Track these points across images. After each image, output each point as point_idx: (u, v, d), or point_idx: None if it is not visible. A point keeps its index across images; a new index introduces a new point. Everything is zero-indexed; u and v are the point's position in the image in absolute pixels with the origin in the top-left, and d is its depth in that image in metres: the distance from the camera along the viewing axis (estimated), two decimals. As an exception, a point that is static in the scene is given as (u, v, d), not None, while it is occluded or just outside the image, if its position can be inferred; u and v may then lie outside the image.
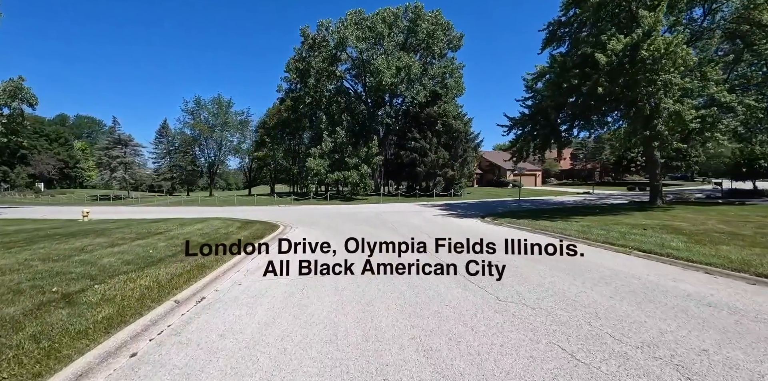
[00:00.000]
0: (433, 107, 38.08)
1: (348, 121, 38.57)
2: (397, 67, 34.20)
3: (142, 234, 11.63)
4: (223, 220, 16.90)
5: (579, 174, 76.14)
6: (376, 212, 20.55)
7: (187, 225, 14.68)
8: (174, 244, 9.52)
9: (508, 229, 12.97)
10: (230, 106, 57.84)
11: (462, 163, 38.68)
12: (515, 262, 7.01)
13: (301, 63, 39.75)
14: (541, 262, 7.12)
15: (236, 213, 23.13)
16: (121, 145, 45.68)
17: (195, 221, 16.30)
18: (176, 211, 26.28)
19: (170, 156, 57.42)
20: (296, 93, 45.01)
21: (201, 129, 54.56)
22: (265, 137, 52.36)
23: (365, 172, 34.32)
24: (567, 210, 20.04)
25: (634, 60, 14.60)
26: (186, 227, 14.00)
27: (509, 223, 14.31)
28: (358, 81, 43.60)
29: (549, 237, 10.41)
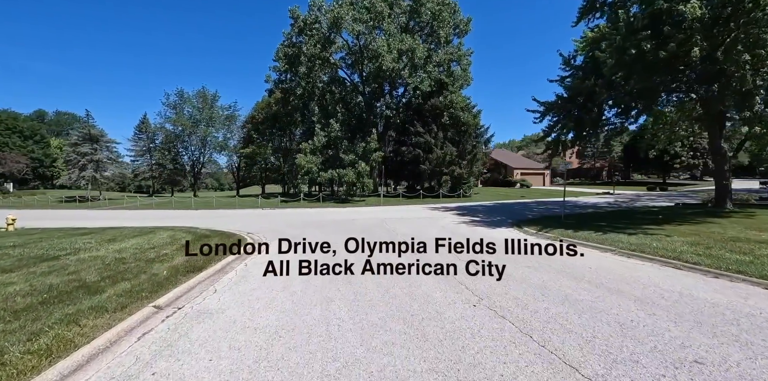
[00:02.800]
0: (439, 98, 33.97)
1: (343, 113, 34.36)
2: (400, 50, 30.04)
3: (28, 259, 7.70)
4: (175, 232, 12.74)
5: (587, 173, 72.44)
6: (379, 219, 16.43)
7: (117, 241, 10.57)
8: (46, 285, 5.50)
9: (588, 250, 8.82)
10: (216, 100, 53.47)
11: (471, 160, 34.58)
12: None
13: (291, 48, 35.47)
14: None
15: (207, 219, 18.94)
16: (91, 141, 41.15)
17: (136, 234, 12.17)
18: (138, 217, 22.05)
19: (150, 154, 52.86)
20: (286, 84, 40.74)
21: (184, 124, 50.08)
22: (253, 133, 48.01)
23: (363, 170, 30.14)
24: (621, 216, 16.04)
25: (736, 10, 10.55)
26: (112, 245, 9.96)
27: (571, 237, 10.26)
28: (354, 70, 39.36)
29: (690, 272, 6.44)
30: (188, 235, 11.58)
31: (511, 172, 55.30)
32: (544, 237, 11.05)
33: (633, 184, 54.32)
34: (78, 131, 42.02)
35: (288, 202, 30.76)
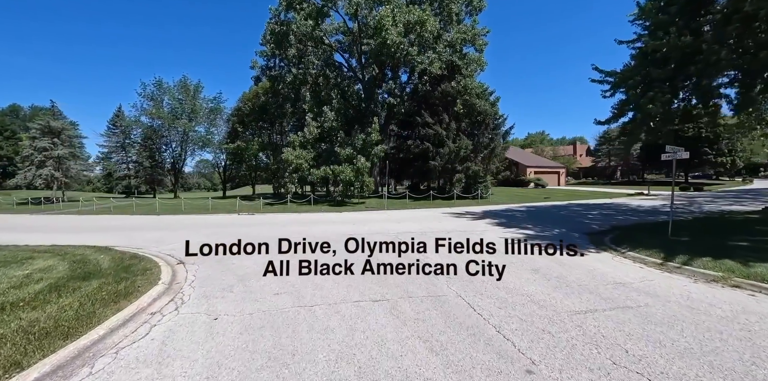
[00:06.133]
0: (450, 83, 29.08)
1: (339, 100, 29.38)
2: (407, 24, 25.11)
3: None
4: (62, 258, 7.79)
5: (602, 172, 67.70)
6: (391, 233, 11.51)
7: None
8: None
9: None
10: (199, 91, 48.25)
11: (489, 155, 29.74)
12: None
13: (279, 26, 30.46)
14: None
15: (149, 231, 13.96)
16: (51, 134, 35.97)
17: (36, 254, 7.31)
18: (73, 226, 17.10)
19: (125, 150, 47.63)
20: (275, 71, 35.83)
21: (162, 117, 44.92)
22: (238, 126, 42.89)
23: (362, 167, 25.17)
24: (734, 227, 11.24)
25: None
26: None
27: (746, 277, 5.50)
28: (351, 54, 34.40)
29: None
30: (74, 266, 6.70)
31: (524, 170, 50.52)
32: (689, 274, 6.26)
33: (652, 184, 49.48)
34: (37, 123, 36.77)
35: (273, 205, 25.77)
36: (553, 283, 5.66)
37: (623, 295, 5.17)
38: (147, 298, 5.33)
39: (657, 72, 12.06)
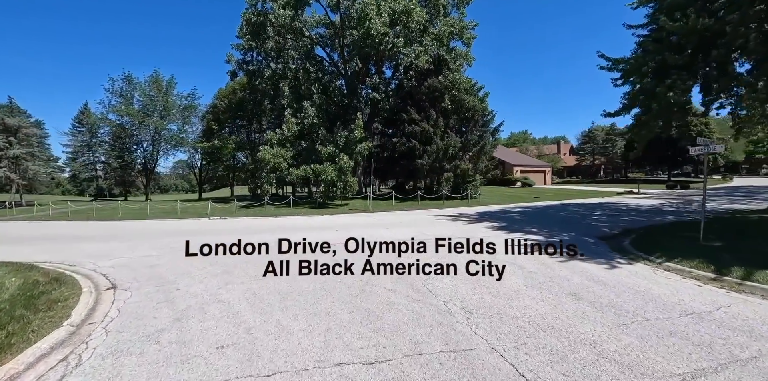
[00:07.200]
0: (438, 78, 27.65)
1: (319, 95, 27.61)
2: (392, 13, 23.54)
3: None
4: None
5: (586, 170, 67.58)
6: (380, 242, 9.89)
7: None
8: None
9: None
10: (172, 87, 45.53)
11: (478, 154, 28.43)
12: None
13: (255, 16, 28.47)
14: None
15: (109, 241, 12.00)
16: (7, 132, 33.01)
17: None
18: (22, 233, 14.96)
19: (91, 150, 44.59)
20: (252, 65, 33.71)
21: (132, 115, 42.13)
22: (213, 124, 40.54)
23: (346, 166, 23.45)
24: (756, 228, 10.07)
25: None
26: None
27: None
28: (333, 47, 32.64)
29: None
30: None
31: (510, 169, 49.60)
32: (762, 293, 4.86)
33: (634, 183, 49.26)
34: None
35: (249, 208, 23.83)
36: (610, 318, 4.17)
37: (714, 335, 3.72)
38: (29, 356, 3.59)
39: (674, 58, 10.78)
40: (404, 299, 4.95)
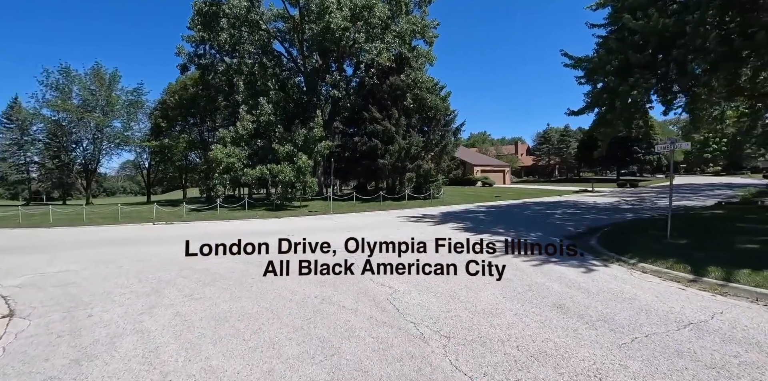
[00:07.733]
0: (400, 76, 27.18)
1: (277, 92, 26.33)
2: (354, 7, 22.72)
3: None
4: None
5: (542, 170, 69.85)
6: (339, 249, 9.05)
7: None
8: None
9: None
10: (116, 81, 42.12)
11: (440, 153, 28.21)
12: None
13: (207, 6, 26.67)
14: None
15: (24, 254, 10.34)
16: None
17: None
18: None
19: (22, 149, 40.44)
20: (205, 59, 31.68)
21: (70, 110, 38.55)
22: (161, 121, 37.93)
23: (304, 165, 22.36)
24: (716, 224, 10.24)
25: None
26: None
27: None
28: (292, 42, 31.31)
29: None
30: None
31: (471, 169, 50.15)
32: (748, 295, 4.53)
33: (587, 182, 51.35)
34: None
35: (200, 211, 22.18)
36: (607, 336, 3.61)
37: (724, 352, 3.25)
38: None
39: (636, 57, 10.73)
40: (367, 322, 4.19)
